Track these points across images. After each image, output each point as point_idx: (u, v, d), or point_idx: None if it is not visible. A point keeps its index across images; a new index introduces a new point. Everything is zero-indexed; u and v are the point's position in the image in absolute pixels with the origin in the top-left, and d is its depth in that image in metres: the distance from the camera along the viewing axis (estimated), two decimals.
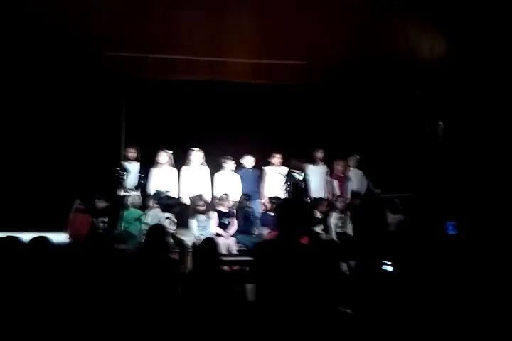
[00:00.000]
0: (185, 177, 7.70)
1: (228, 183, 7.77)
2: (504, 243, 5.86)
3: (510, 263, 5.30)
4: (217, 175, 7.84)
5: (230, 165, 7.83)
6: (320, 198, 7.67)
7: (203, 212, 7.11)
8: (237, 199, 7.55)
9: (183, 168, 7.75)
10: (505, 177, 7.39)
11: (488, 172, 7.62)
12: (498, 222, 6.63)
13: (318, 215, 7.29)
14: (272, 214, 7.16)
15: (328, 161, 8.25)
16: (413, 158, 8.47)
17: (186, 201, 7.65)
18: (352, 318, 4.69)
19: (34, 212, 7.76)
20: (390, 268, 5.03)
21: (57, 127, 8.52)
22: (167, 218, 6.78)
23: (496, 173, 7.52)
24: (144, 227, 6.49)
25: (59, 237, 6.64)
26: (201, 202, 7.18)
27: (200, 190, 7.61)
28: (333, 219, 7.33)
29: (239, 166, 7.99)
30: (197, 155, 7.74)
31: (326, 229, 7.23)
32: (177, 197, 7.55)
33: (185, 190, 7.66)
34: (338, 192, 8.04)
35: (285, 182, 7.51)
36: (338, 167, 8.16)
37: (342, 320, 4.56)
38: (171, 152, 7.77)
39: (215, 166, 7.93)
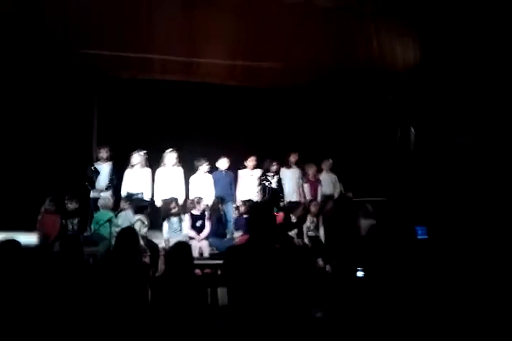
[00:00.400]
0: (159, 179, 7.61)
1: (202, 185, 7.70)
2: (475, 246, 5.98)
3: (481, 266, 5.42)
4: (191, 177, 7.77)
5: (203, 167, 7.76)
6: (295, 202, 7.71)
7: (175, 215, 7.06)
8: (210, 201, 7.50)
9: (158, 170, 7.66)
10: (475, 181, 7.52)
11: (458, 177, 7.76)
12: (468, 226, 6.76)
13: (293, 219, 7.31)
14: (245, 217, 7.16)
15: (302, 165, 8.27)
16: (385, 162, 8.57)
17: (158, 203, 7.55)
18: (322, 322, 4.71)
19: (4, 211, 7.60)
20: (361, 274, 5.06)
21: (28, 125, 8.33)
22: (138, 220, 6.70)
23: (466, 178, 7.65)
24: (115, 229, 6.41)
25: (29, 237, 6.57)
26: (173, 205, 7.12)
27: (173, 192, 7.52)
28: (307, 222, 7.37)
29: (213, 168, 7.94)
30: (171, 156, 7.65)
31: (300, 233, 7.25)
32: (149, 199, 7.48)
33: (159, 192, 7.56)
34: (309, 195, 8.06)
35: (258, 185, 7.52)
36: (310, 171, 8.17)
37: (312, 323, 4.58)
38: (145, 152, 7.68)
39: (188, 168, 7.87)
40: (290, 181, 8.02)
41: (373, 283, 4.88)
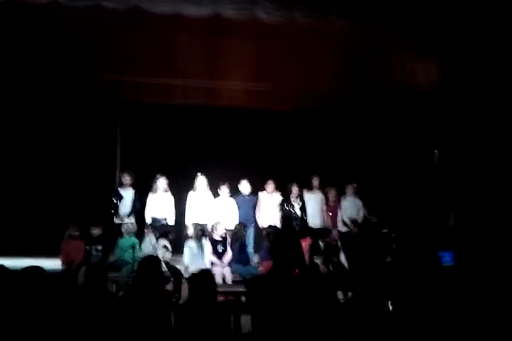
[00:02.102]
0: (190, 204, 7.61)
1: (224, 210, 7.68)
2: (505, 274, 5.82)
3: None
4: (213, 201, 7.74)
5: (225, 190, 7.76)
6: (325, 228, 7.62)
7: (203, 238, 7.04)
8: (233, 226, 7.47)
9: (189, 194, 7.64)
10: (503, 204, 7.37)
11: (485, 198, 7.61)
12: (497, 250, 6.60)
13: (321, 246, 7.21)
14: (266, 242, 7.10)
15: (325, 189, 8.21)
16: (409, 186, 8.44)
17: (189, 227, 7.49)
18: None
19: (29, 237, 7.70)
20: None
21: (53, 152, 8.50)
22: (162, 246, 6.72)
23: (493, 201, 7.50)
24: (138, 255, 6.43)
25: (53, 263, 6.62)
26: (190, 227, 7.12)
27: (202, 216, 7.52)
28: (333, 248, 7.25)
29: (235, 192, 7.92)
30: (201, 180, 7.64)
31: (326, 260, 7.13)
32: (173, 224, 7.49)
33: (189, 216, 7.55)
34: (329, 220, 7.99)
35: (280, 210, 7.48)
36: (330, 195, 8.10)
37: None
38: (167, 178, 7.72)
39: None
40: (313, 205, 7.94)
41: (403, 317, 4.77)
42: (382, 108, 8.82)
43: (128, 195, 7.57)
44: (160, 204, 7.56)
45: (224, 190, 7.73)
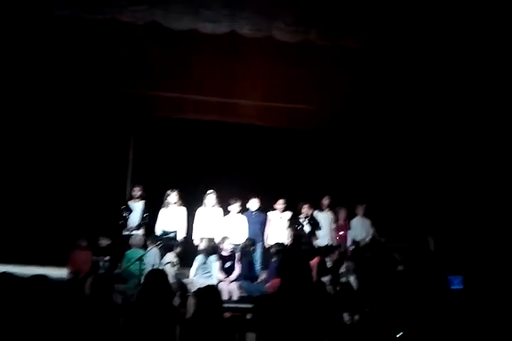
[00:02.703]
0: (198, 219, 7.66)
1: (233, 226, 7.70)
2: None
3: None
4: (224, 217, 7.77)
5: (235, 207, 7.78)
6: (331, 246, 7.60)
7: (212, 253, 7.02)
8: (241, 242, 7.47)
9: (198, 209, 7.71)
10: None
11: (493, 223, 7.56)
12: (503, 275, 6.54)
13: (329, 264, 7.18)
14: (274, 260, 7.08)
15: (336, 208, 8.22)
16: (418, 207, 8.40)
17: (197, 242, 7.54)
18: None
19: (39, 246, 7.73)
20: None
21: (65, 163, 8.55)
22: (168, 259, 6.73)
23: (501, 225, 7.45)
24: (145, 267, 6.44)
25: (61, 272, 6.65)
26: (205, 240, 7.11)
27: (211, 231, 7.53)
28: (342, 268, 7.21)
29: (244, 209, 7.94)
30: (209, 197, 7.71)
31: (334, 280, 7.10)
32: (183, 238, 7.52)
33: (197, 231, 7.60)
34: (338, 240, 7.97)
35: (288, 228, 7.47)
36: (340, 215, 8.12)
37: None
38: (179, 192, 7.75)
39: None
40: (323, 225, 7.93)
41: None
42: (390, 127, 8.85)
43: (137, 207, 7.62)
44: (171, 218, 7.61)
45: (234, 207, 7.75)
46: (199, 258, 7.01)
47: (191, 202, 7.81)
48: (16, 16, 7.11)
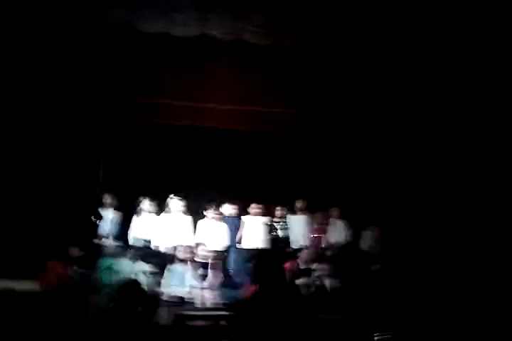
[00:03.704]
0: (165, 226, 7.56)
1: (210, 232, 7.61)
2: None
3: None
4: (199, 222, 7.69)
5: (211, 213, 7.69)
6: (301, 248, 7.51)
7: (185, 261, 6.90)
8: (219, 248, 7.37)
9: (162, 216, 7.62)
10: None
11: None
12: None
13: (301, 266, 7.10)
14: (248, 265, 6.98)
15: (310, 211, 8.18)
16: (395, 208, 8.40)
17: (164, 250, 7.44)
18: None
19: (4, 258, 7.47)
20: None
21: (34, 171, 8.31)
22: (140, 268, 6.64)
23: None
24: (116, 277, 6.32)
25: (31, 285, 6.44)
26: (183, 249, 6.97)
27: (179, 238, 7.42)
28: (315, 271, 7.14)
29: (220, 214, 7.84)
30: (175, 203, 7.61)
31: (308, 282, 7.03)
32: (156, 246, 7.41)
33: (164, 239, 7.48)
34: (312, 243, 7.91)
35: (265, 232, 7.41)
36: (317, 219, 8.09)
37: None
38: (151, 199, 7.64)
39: (196, 213, 7.80)
40: (296, 228, 7.93)
41: None
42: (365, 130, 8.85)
43: (108, 215, 7.52)
44: (144, 226, 7.53)
45: (210, 212, 7.66)
46: (172, 267, 6.88)
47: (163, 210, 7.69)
48: None
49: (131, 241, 7.38)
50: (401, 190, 8.48)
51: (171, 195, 7.67)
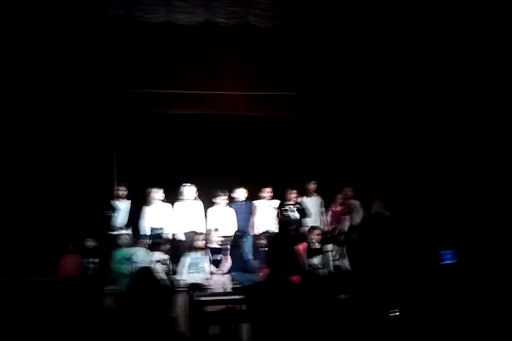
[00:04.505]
0: (179, 213, 7.58)
1: (221, 218, 7.62)
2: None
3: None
4: (209, 210, 7.70)
5: (223, 199, 7.70)
6: (312, 226, 7.43)
7: (202, 248, 6.92)
8: (231, 234, 7.38)
9: (176, 204, 7.63)
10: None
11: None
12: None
13: (316, 245, 7.09)
14: (264, 249, 6.99)
15: (321, 192, 8.14)
16: (406, 186, 8.35)
17: (181, 237, 7.48)
18: None
19: (21, 252, 7.55)
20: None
21: (47, 165, 8.35)
22: (157, 257, 6.69)
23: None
24: (135, 267, 6.34)
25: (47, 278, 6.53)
26: (201, 237, 6.99)
27: (194, 225, 7.46)
28: (332, 251, 7.13)
29: (231, 200, 7.85)
30: (189, 191, 7.62)
31: (324, 262, 7.03)
32: (170, 235, 7.43)
33: (179, 226, 7.52)
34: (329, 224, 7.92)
35: (277, 216, 7.39)
36: (338, 200, 8.05)
37: None
38: (163, 189, 7.65)
39: (207, 201, 7.80)
40: (311, 210, 7.88)
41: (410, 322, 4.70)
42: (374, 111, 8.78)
43: (123, 207, 7.54)
44: (157, 215, 7.53)
45: (222, 199, 7.67)
46: (188, 255, 6.91)
47: (176, 198, 7.69)
48: None
49: (145, 231, 7.38)
50: (402, 167, 8.45)
51: (185, 183, 7.65)
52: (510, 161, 7.25)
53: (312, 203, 7.99)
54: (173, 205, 7.64)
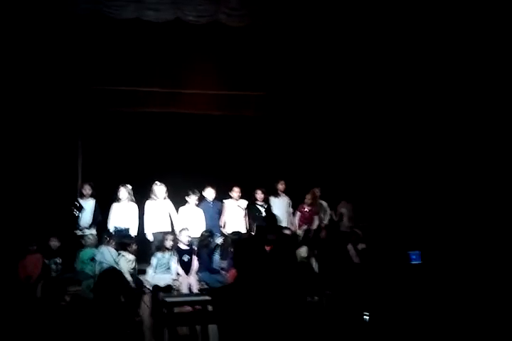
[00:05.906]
0: (149, 212, 7.46)
1: (191, 218, 7.55)
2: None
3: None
4: (180, 209, 7.63)
5: (193, 199, 7.63)
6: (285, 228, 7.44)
7: (169, 249, 6.84)
8: (199, 235, 7.31)
9: (147, 202, 7.51)
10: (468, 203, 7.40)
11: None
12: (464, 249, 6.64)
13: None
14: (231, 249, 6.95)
15: (290, 193, 8.15)
16: (374, 187, 8.43)
17: (150, 237, 7.39)
18: None
19: None
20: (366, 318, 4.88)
21: (9, 162, 8.12)
22: (121, 257, 6.51)
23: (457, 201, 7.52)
24: (99, 267, 6.22)
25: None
26: (169, 237, 6.89)
27: (163, 225, 7.38)
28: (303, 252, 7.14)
29: (200, 199, 7.78)
30: (160, 190, 7.53)
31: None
32: (135, 234, 7.30)
33: (148, 226, 7.41)
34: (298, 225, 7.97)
35: (245, 216, 7.36)
36: (306, 200, 8.07)
37: None
38: (131, 187, 7.54)
39: (174, 201, 7.70)
40: (278, 210, 7.90)
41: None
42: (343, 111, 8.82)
43: (88, 206, 7.40)
44: (123, 214, 7.40)
45: (193, 198, 7.61)
46: (157, 255, 6.82)
47: (143, 197, 7.58)
48: None
49: (110, 229, 7.23)
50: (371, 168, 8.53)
51: (156, 182, 7.55)
52: (477, 160, 7.36)
53: (280, 203, 7.99)
54: (143, 204, 7.52)
